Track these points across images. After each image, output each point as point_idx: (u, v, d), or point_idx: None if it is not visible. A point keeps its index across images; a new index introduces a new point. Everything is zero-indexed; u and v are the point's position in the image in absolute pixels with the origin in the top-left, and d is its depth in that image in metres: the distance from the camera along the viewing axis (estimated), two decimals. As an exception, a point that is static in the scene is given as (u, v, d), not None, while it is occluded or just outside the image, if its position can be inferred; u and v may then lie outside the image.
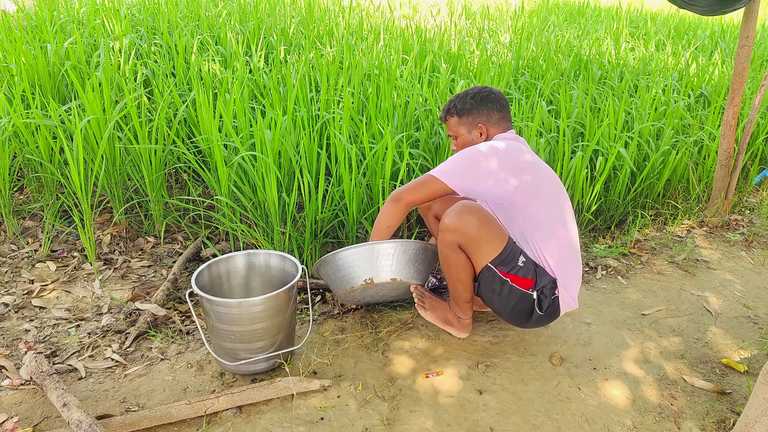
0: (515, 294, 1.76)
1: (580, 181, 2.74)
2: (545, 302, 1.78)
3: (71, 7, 4.12)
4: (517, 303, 1.78)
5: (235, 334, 1.68)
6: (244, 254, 1.95)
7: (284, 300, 1.72)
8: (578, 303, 1.87)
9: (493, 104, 1.87)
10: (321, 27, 4.65)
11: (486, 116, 1.87)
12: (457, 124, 1.91)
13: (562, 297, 1.80)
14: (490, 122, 1.88)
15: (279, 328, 1.74)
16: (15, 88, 2.63)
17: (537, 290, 1.77)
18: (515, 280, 1.75)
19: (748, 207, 3.37)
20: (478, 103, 1.87)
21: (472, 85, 2.86)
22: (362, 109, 2.96)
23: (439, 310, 1.95)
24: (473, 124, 1.89)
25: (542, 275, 1.77)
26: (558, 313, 1.82)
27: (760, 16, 8.21)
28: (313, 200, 2.31)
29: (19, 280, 2.24)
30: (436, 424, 1.62)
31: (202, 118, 2.51)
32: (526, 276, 1.75)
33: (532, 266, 1.77)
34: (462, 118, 1.89)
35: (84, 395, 1.68)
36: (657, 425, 1.67)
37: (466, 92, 1.91)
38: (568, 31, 5.89)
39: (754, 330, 2.18)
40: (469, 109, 1.88)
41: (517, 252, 1.75)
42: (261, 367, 1.76)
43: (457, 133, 1.92)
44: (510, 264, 1.73)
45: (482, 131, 1.87)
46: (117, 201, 2.56)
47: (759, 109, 2.93)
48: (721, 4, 2.76)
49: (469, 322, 1.95)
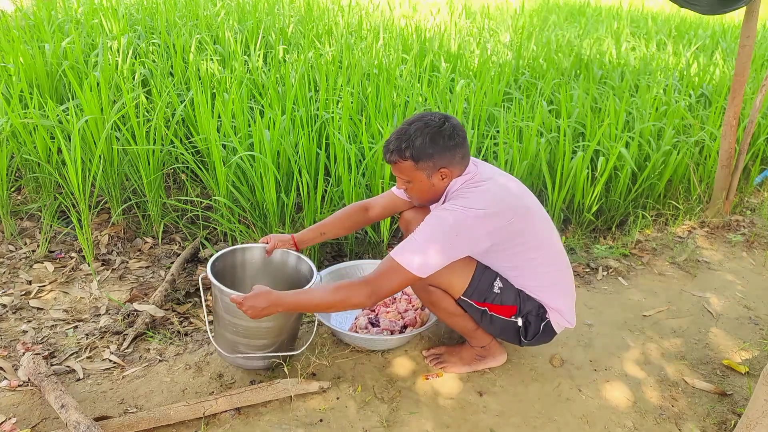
0: (497, 322, 1.68)
1: (581, 182, 2.73)
2: (531, 329, 1.69)
3: (69, 7, 4.11)
4: (502, 330, 1.70)
5: (239, 328, 1.66)
6: (263, 247, 1.90)
7: None
8: (575, 318, 1.77)
9: (455, 142, 1.56)
10: (320, 26, 4.64)
11: (449, 158, 1.57)
12: (413, 169, 1.57)
13: (555, 319, 1.71)
14: (453, 164, 1.58)
15: (283, 329, 1.72)
16: (13, 87, 2.62)
17: (521, 317, 1.67)
18: (494, 308, 1.65)
19: (749, 207, 3.36)
20: (440, 147, 1.55)
21: (445, 110, 2.70)
22: (361, 109, 2.95)
23: (463, 353, 1.83)
24: (434, 169, 1.57)
25: (526, 300, 1.67)
26: (552, 336, 1.74)
27: (760, 16, 8.20)
28: (312, 200, 2.30)
29: (16, 280, 2.23)
30: (436, 425, 1.61)
31: (200, 117, 2.49)
32: (506, 303, 1.65)
33: (512, 292, 1.66)
34: (419, 163, 1.56)
35: (82, 396, 1.67)
36: (658, 426, 1.66)
37: (421, 131, 1.55)
38: (569, 30, 5.87)
39: (755, 331, 2.17)
40: (430, 154, 1.55)
41: (490, 278, 1.64)
42: (258, 364, 1.75)
43: (412, 178, 1.60)
44: (484, 292, 1.63)
45: (444, 175, 1.59)
46: (115, 201, 2.55)
47: (760, 109, 2.92)
48: (722, 4, 2.75)
49: (494, 342, 1.82)
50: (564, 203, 2.80)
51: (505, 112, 3.04)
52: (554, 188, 2.68)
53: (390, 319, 1.97)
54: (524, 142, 2.74)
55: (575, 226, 2.86)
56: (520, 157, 2.68)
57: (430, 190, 1.63)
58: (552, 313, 1.70)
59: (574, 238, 2.76)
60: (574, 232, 2.83)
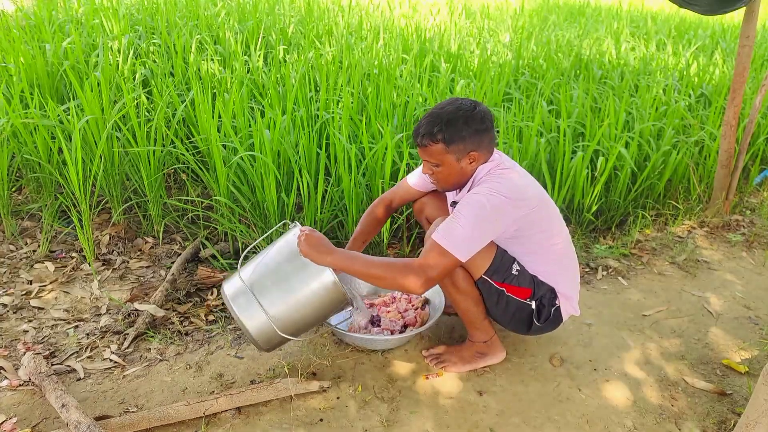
0: (512, 304, 1.72)
1: (581, 182, 2.73)
2: (544, 312, 1.74)
3: (70, 7, 4.11)
4: (515, 313, 1.74)
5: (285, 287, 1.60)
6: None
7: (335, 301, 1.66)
8: (579, 307, 1.84)
9: (485, 126, 1.62)
10: (320, 26, 4.64)
11: (479, 142, 1.61)
12: (444, 152, 1.61)
13: (564, 306, 1.77)
14: (482, 147, 1.63)
15: (311, 319, 1.67)
16: (13, 87, 2.62)
17: (535, 300, 1.73)
18: (511, 289, 1.70)
19: (748, 207, 3.36)
20: (471, 130, 1.59)
21: (455, 96, 2.71)
22: (362, 109, 2.96)
23: (463, 352, 1.85)
24: (464, 152, 1.61)
25: (540, 285, 1.73)
26: (559, 322, 1.79)
27: (760, 16, 8.20)
28: (312, 200, 2.30)
29: (17, 280, 2.23)
30: (436, 425, 1.61)
31: (200, 118, 2.50)
32: (522, 285, 1.70)
33: (527, 275, 1.72)
34: (451, 146, 1.60)
35: (83, 396, 1.67)
36: (657, 426, 1.66)
37: (454, 114, 1.59)
38: (569, 30, 5.88)
39: (755, 331, 2.17)
40: (463, 137, 1.59)
41: (509, 260, 1.70)
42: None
43: (442, 161, 1.63)
44: (503, 273, 1.68)
45: (473, 159, 1.63)
46: (115, 201, 2.55)
47: (760, 109, 2.92)
48: (722, 4, 2.75)
49: (495, 338, 1.85)
50: (564, 203, 2.80)
51: (505, 112, 3.04)
52: (554, 188, 2.69)
53: (390, 318, 1.98)
54: (524, 142, 2.74)
55: (575, 226, 2.86)
56: (520, 157, 2.68)
57: (459, 173, 1.66)
58: (562, 299, 1.76)
59: (574, 238, 2.76)
60: (574, 231, 2.83)
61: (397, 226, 2.58)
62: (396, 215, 2.55)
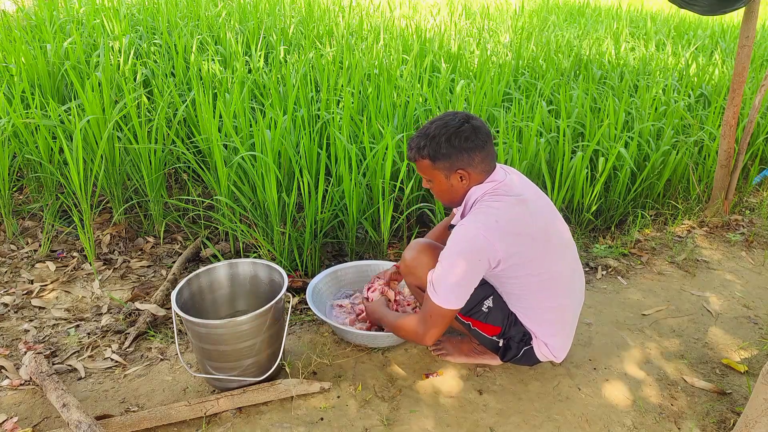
0: (478, 337, 1.71)
1: (581, 181, 2.74)
2: (511, 353, 1.70)
3: (71, 7, 4.12)
4: (484, 343, 1.73)
5: (211, 353, 1.62)
6: (226, 264, 1.85)
7: (265, 318, 1.63)
8: (565, 355, 1.74)
9: (474, 144, 1.53)
10: (321, 27, 4.65)
11: (467, 160, 1.55)
12: (431, 169, 1.58)
13: (539, 349, 1.69)
14: (471, 166, 1.56)
15: (261, 347, 1.67)
16: (14, 88, 2.63)
17: (503, 338, 1.69)
18: (477, 324, 1.67)
19: (748, 207, 3.36)
20: (456, 148, 1.53)
21: (445, 111, 2.68)
22: (362, 109, 2.96)
23: (462, 345, 1.86)
24: (451, 170, 1.57)
25: (513, 325, 1.66)
26: (534, 362, 1.74)
27: (760, 16, 8.21)
28: (312, 200, 2.31)
29: (18, 280, 2.24)
30: (436, 424, 1.62)
31: (201, 118, 2.50)
32: (491, 323, 1.65)
33: (502, 314, 1.64)
34: (437, 162, 1.56)
35: (83, 395, 1.67)
36: (657, 425, 1.66)
37: (439, 130, 1.54)
38: (568, 31, 5.88)
39: (755, 330, 2.18)
40: (445, 155, 1.54)
41: (479, 296, 1.61)
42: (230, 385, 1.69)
43: (432, 177, 1.61)
44: (471, 309, 1.63)
45: (463, 176, 1.57)
46: (116, 201, 2.56)
47: (759, 109, 2.93)
48: (722, 4, 2.75)
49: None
50: (563, 203, 2.81)
51: (505, 112, 3.04)
52: (554, 188, 2.69)
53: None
54: (524, 142, 2.75)
55: (575, 226, 2.87)
56: (520, 157, 2.69)
57: (450, 190, 1.62)
58: (538, 342, 1.68)
59: (574, 238, 2.77)
60: (574, 231, 2.83)
61: (397, 225, 2.58)
62: (396, 215, 2.55)
